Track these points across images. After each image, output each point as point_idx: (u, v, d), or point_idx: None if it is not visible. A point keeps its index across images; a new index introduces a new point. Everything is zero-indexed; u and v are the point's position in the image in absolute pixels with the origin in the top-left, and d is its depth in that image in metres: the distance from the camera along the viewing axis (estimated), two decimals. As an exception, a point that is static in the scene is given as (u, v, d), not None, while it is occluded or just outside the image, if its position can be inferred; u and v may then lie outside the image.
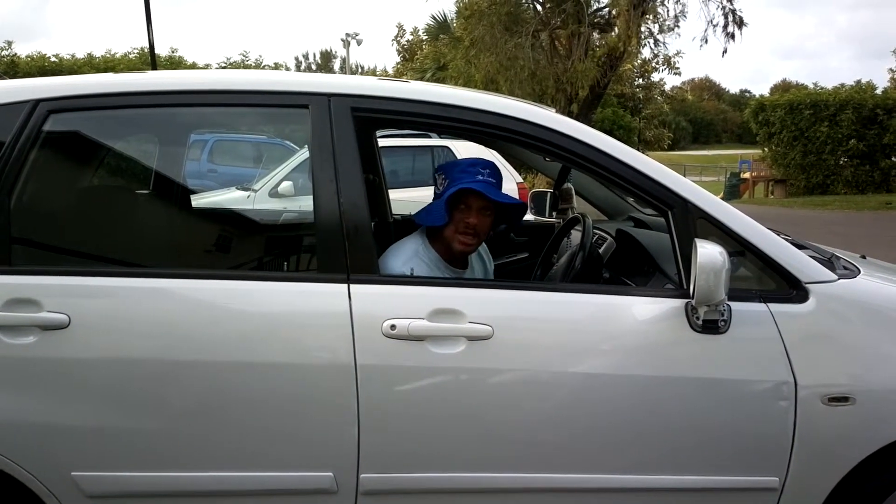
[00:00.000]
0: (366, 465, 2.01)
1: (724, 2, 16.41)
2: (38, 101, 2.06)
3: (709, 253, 1.85)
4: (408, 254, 2.40)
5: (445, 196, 2.36)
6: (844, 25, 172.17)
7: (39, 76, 2.32)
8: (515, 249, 3.80)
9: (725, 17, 16.53)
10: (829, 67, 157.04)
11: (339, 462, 2.01)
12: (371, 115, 2.20)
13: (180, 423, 2.00)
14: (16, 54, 22.24)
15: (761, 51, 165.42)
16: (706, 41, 16.93)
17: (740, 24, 16.54)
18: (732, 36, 16.56)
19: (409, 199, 4.23)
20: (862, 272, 2.24)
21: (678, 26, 17.72)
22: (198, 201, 4.84)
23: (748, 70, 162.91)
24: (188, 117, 2.73)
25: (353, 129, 2.08)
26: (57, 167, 2.32)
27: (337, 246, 2.02)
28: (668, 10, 16.96)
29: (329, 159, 2.05)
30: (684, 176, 2.20)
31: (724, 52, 16.84)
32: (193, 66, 22.89)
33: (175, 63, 22.34)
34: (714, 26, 16.58)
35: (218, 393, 1.98)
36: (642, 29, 16.31)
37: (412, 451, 2.03)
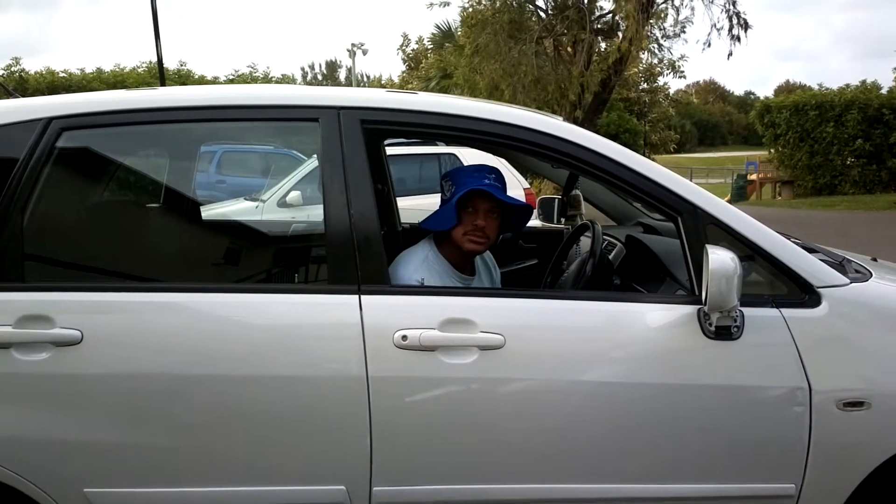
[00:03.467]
0: (378, 478, 2.00)
1: (728, 5, 16.40)
2: (50, 119, 2.07)
3: (720, 259, 1.85)
4: (417, 262, 2.41)
5: (455, 199, 2.38)
6: (841, 26, 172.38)
7: (49, 92, 2.33)
8: (524, 256, 3.80)
9: (730, 19, 16.52)
10: (828, 68, 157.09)
11: (352, 475, 2.01)
12: (380, 126, 2.21)
13: (193, 437, 2.00)
14: (24, 70, 22.34)
15: (760, 53, 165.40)
16: (709, 44, 16.92)
17: (745, 26, 16.53)
18: (738, 38, 16.55)
19: (416, 206, 4.23)
20: (874, 275, 2.23)
21: (684, 31, 17.72)
22: (207, 213, 4.85)
23: (749, 72, 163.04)
24: (199, 132, 2.75)
25: (362, 141, 2.09)
26: (69, 184, 2.33)
27: (348, 257, 2.02)
28: (676, 13, 16.93)
29: (339, 171, 2.06)
30: (691, 178, 2.20)
31: (730, 54, 16.81)
32: (202, 79, 22.97)
33: (183, 76, 22.41)
34: (718, 30, 16.57)
35: (230, 407, 1.99)
36: (647, 34, 16.31)
37: (425, 462, 2.02)
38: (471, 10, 17.34)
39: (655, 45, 17.92)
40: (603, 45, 17.56)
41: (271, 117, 2.23)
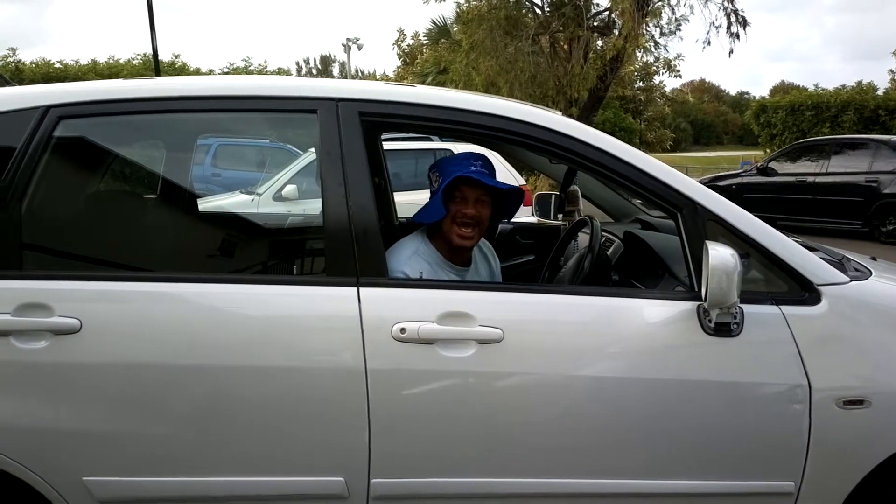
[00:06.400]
0: (377, 470, 2.00)
1: (726, 3, 16.44)
2: (48, 108, 2.06)
3: (721, 255, 1.85)
4: (408, 253, 2.40)
5: (441, 188, 2.37)
6: (832, 28, 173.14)
7: (44, 82, 2.32)
8: (521, 252, 3.80)
9: (728, 17, 16.57)
10: (820, 69, 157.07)
11: (350, 467, 2.01)
12: (378, 119, 2.20)
13: (191, 427, 1.99)
14: (20, 60, 22.30)
15: (752, 53, 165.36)
16: (709, 43, 16.97)
17: (744, 23, 16.58)
18: (737, 36, 16.61)
19: (411, 201, 4.22)
20: (873, 274, 2.24)
21: (680, 29, 17.76)
22: (202, 205, 4.84)
23: (742, 72, 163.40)
24: (197, 123, 2.74)
25: (361, 134, 2.08)
26: (67, 172, 2.32)
27: (346, 249, 2.02)
28: (671, 11, 16.98)
29: (337, 163, 2.05)
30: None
31: (731, 52, 16.87)
32: (197, 72, 22.95)
33: (178, 69, 22.40)
34: (717, 28, 16.62)
35: (228, 397, 1.98)
36: (643, 31, 16.35)
37: (423, 455, 2.02)
38: (467, 5, 17.33)
39: (652, 44, 17.96)
40: (599, 42, 17.59)
41: (270, 108, 2.22)
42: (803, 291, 2.04)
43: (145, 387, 1.97)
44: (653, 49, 18.53)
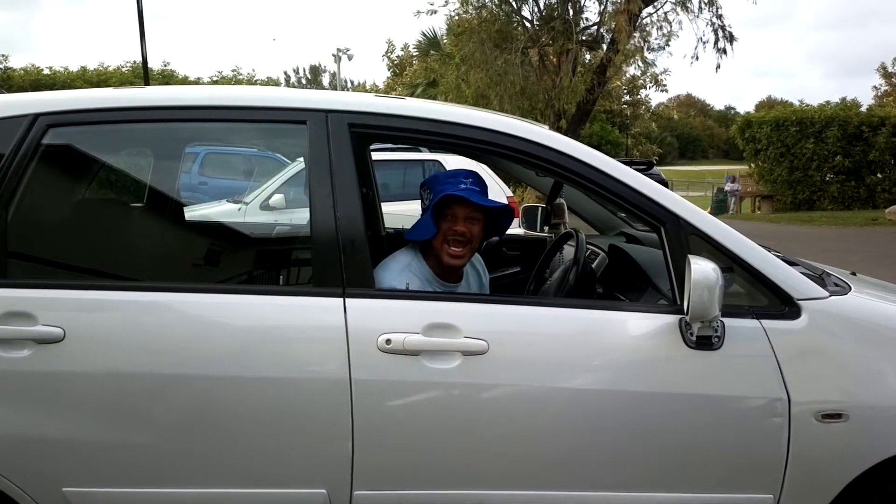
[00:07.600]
0: (360, 482, 2.00)
1: (714, 19, 16.66)
2: (37, 115, 2.07)
3: (702, 269, 1.87)
4: (399, 267, 2.40)
5: (431, 206, 2.37)
6: (814, 45, 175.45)
7: (33, 89, 2.32)
8: (507, 264, 3.81)
9: (715, 33, 16.80)
10: (802, 85, 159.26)
11: (333, 478, 2.00)
12: (367, 130, 2.21)
13: (173, 438, 1.99)
14: (10, 67, 22.27)
15: (737, 69, 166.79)
16: (697, 58, 17.19)
17: (731, 39, 16.82)
18: (724, 51, 16.85)
19: (399, 212, 4.24)
20: (853, 289, 2.26)
21: (669, 44, 17.97)
22: (189, 214, 4.83)
23: (727, 88, 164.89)
24: (186, 132, 2.74)
25: (349, 145, 2.09)
26: (54, 181, 2.32)
27: (333, 260, 2.02)
28: (668, 26, 17.18)
29: (326, 174, 2.06)
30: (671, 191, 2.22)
31: (718, 67, 17.15)
32: (185, 80, 22.93)
33: (167, 77, 22.40)
34: (704, 43, 16.83)
35: (212, 408, 1.98)
36: (636, 45, 16.53)
37: (407, 467, 2.02)
38: (457, 18, 17.45)
39: (640, 58, 18.15)
40: (588, 56, 17.74)
41: (259, 119, 2.23)
42: (784, 306, 2.07)
43: (128, 397, 1.96)
44: (642, 63, 18.74)
